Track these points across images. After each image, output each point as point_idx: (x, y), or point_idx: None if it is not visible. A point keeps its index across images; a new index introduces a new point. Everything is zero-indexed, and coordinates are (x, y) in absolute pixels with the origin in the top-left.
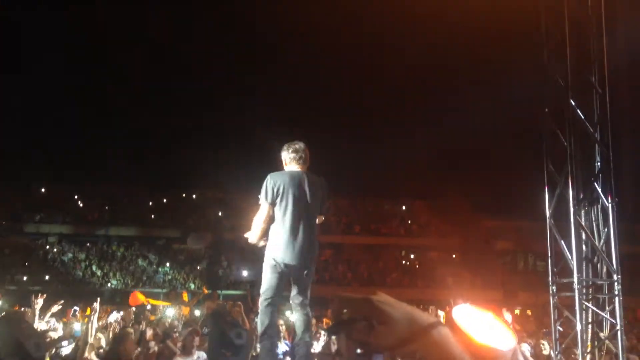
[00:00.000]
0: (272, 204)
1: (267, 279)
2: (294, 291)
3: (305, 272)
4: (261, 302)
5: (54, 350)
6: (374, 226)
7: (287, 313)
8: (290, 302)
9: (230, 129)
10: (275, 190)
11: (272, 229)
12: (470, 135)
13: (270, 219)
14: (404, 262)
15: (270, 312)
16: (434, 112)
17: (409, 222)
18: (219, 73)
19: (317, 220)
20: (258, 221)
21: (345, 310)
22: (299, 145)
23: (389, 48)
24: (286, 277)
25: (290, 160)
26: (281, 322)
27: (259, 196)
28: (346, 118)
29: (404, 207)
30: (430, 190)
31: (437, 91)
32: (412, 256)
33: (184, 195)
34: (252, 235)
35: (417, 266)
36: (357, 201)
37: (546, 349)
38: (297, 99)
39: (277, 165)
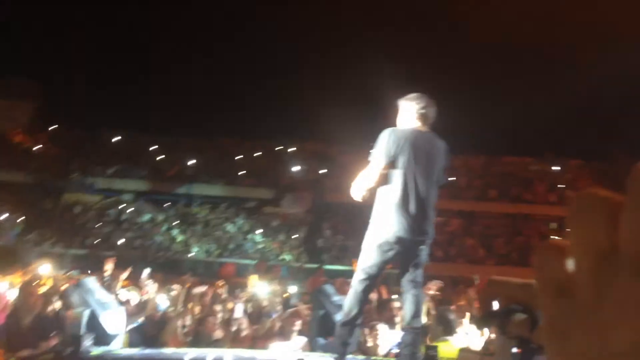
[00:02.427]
0: (390, 163)
1: (369, 253)
2: (403, 268)
3: (420, 248)
4: (355, 280)
5: (132, 326)
6: (515, 191)
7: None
8: (400, 281)
9: (338, 72)
10: (396, 147)
11: (382, 194)
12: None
13: (381, 180)
14: (552, 237)
15: (362, 295)
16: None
17: (562, 187)
18: (326, 16)
19: (437, 191)
20: (367, 178)
21: (498, 299)
22: (427, 101)
23: None
24: (394, 253)
25: (414, 115)
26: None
27: (373, 150)
28: (478, 64)
29: (554, 168)
30: (591, 148)
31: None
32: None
33: (278, 148)
34: (356, 191)
35: None
36: (494, 159)
37: None
38: (419, 45)
39: (392, 119)
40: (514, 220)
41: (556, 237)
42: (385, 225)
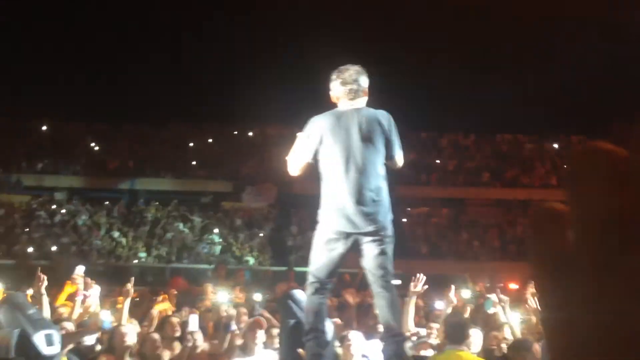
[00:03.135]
0: (315, 156)
1: (315, 254)
2: (365, 267)
3: (373, 241)
4: (307, 288)
5: (72, 346)
6: (510, 174)
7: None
8: (368, 282)
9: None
10: (316, 139)
11: (322, 190)
12: None
13: (302, 170)
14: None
15: (318, 301)
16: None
17: (564, 168)
18: None
19: (382, 167)
20: (296, 155)
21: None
22: (351, 71)
23: None
24: (342, 250)
25: (340, 94)
26: None
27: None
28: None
29: (555, 146)
30: (595, 122)
31: None
32: None
33: (236, 133)
34: (291, 166)
35: None
36: (485, 138)
37: None
38: (400, 15)
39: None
40: (509, 208)
41: (553, 202)
42: (324, 221)
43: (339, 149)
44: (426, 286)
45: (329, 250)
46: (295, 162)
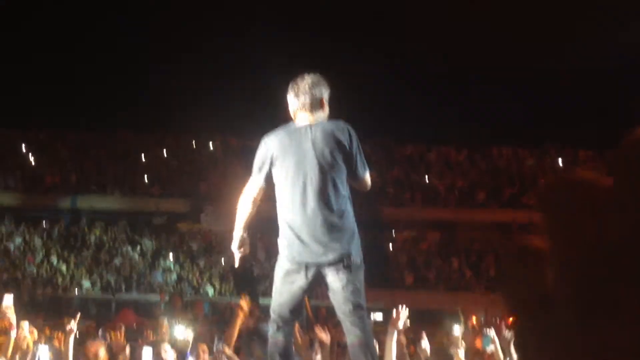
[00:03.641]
0: (265, 180)
1: (276, 289)
2: (334, 300)
3: (339, 268)
4: (269, 326)
5: None
6: (509, 192)
7: None
8: (339, 318)
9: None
10: (267, 160)
11: (278, 217)
12: None
13: (258, 200)
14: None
15: (282, 341)
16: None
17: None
18: None
19: (344, 187)
20: (241, 204)
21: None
22: (305, 82)
23: None
24: (304, 283)
25: (295, 107)
26: None
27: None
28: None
29: (560, 161)
30: (604, 134)
31: None
32: None
33: (194, 143)
34: (237, 215)
35: None
36: (480, 152)
37: None
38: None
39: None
40: (508, 232)
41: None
42: (282, 252)
43: (292, 170)
44: (408, 321)
45: (289, 283)
46: (246, 190)
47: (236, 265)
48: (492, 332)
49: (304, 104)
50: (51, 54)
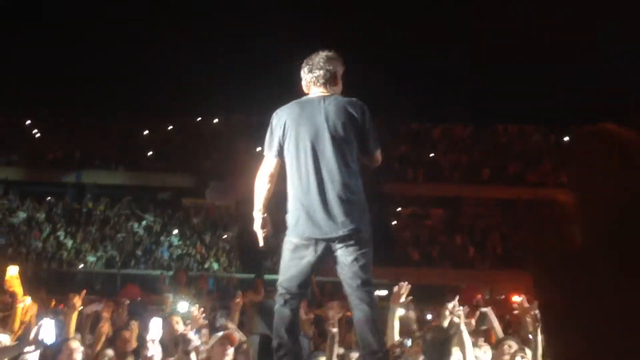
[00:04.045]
0: (279, 154)
1: (284, 264)
2: (342, 275)
3: (346, 247)
4: (276, 299)
5: None
6: (513, 169)
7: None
8: (345, 293)
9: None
10: (279, 132)
11: (287, 191)
12: None
13: (275, 175)
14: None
15: (288, 314)
16: None
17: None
18: None
19: (354, 162)
20: (258, 183)
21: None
22: (320, 57)
23: None
24: (312, 258)
25: (308, 82)
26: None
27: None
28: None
29: (566, 139)
30: (611, 110)
31: None
32: None
33: (198, 120)
34: (255, 194)
35: None
36: (483, 129)
37: None
38: None
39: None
40: (513, 209)
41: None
42: (291, 227)
43: (304, 143)
44: (410, 297)
45: (297, 258)
46: (262, 168)
47: (261, 245)
48: (489, 310)
49: (318, 77)
50: (54, 35)
